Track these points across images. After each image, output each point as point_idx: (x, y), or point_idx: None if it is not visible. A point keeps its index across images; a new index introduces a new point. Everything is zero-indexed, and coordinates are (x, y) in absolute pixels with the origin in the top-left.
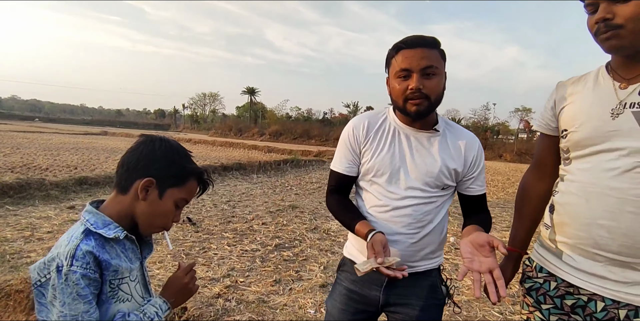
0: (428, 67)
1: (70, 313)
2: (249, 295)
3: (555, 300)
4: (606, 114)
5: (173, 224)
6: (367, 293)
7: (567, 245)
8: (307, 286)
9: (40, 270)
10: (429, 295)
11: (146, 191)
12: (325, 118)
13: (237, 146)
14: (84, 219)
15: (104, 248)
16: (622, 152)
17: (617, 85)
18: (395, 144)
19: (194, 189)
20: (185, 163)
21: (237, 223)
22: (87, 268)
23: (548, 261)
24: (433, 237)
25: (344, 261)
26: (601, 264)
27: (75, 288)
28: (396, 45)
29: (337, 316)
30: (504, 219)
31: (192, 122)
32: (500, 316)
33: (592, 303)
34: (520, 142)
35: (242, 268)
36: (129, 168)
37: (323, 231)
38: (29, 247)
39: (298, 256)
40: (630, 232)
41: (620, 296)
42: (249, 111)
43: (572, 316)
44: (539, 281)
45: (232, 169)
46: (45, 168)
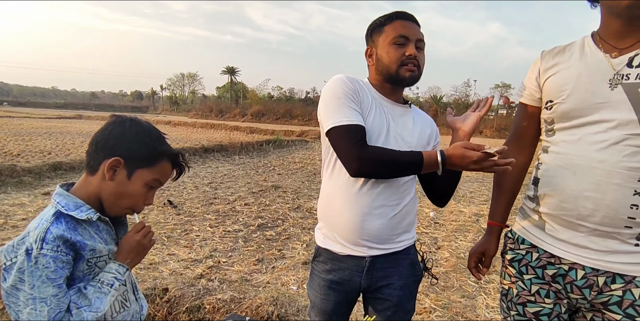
0: (421, 41)
1: (39, 296)
2: (232, 275)
3: (537, 270)
4: (598, 85)
5: (144, 206)
6: (347, 280)
7: (551, 216)
8: (289, 263)
9: (7, 253)
10: (409, 273)
11: (114, 171)
12: (308, 97)
13: (219, 127)
14: (55, 202)
15: (76, 230)
16: (609, 124)
17: (607, 55)
18: (380, 111)
19: (167, 171)
20: (157, 144)
21: (219, 204)
22: (57, 251)
23: (530, 233)
24: (411, 206)
25: (319, 251)
26: (583, 235)
27: (44, 271)
28: (391, 15)
29: (320, 305)
30: (482, 193)
31: (171, 104)
32: (475, 285)
33: (573, 271)
34: (500, 118)
35: (224, 248)
36: (97, 147)
37: (306, 210)
38: (3, 235)
39: (281, 235)
40: (615, 203)
41: (600, 264)
42: (230, 92)
43: (552, 285)
44: (521, 252)
45: (214, 151)
46: (17, 153)
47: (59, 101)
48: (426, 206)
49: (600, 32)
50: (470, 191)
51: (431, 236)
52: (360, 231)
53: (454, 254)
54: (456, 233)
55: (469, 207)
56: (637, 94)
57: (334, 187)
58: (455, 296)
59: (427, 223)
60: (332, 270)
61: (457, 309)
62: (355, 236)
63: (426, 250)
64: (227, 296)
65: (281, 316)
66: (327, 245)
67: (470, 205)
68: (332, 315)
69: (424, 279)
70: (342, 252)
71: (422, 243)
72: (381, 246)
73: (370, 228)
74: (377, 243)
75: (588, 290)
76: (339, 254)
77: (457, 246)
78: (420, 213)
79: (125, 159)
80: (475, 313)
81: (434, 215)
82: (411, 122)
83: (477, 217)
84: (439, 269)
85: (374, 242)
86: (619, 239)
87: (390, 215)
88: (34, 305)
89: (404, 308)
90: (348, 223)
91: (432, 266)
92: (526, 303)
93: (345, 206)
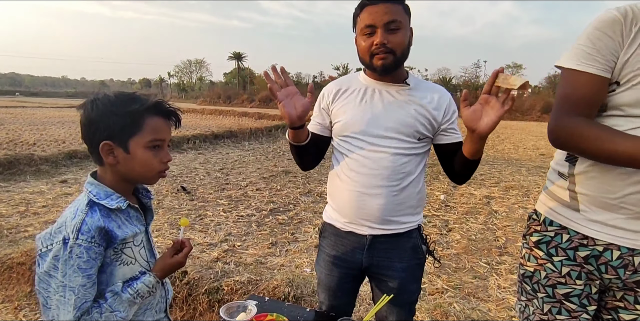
0: (392, 22)
1: (69, 285)
2: (247, 258)
3: (568, 251)
4: None
5: (168, 164)
6: (350, 257)
7: (588, 197)
8: (302, 247)
9: (44, 240)
10: (411, 256)
11: (112, 154)
12: (315, 82)
13: (227, 113)
14: (87, 191)
15: (110, 217)
16: None
17: None
18: (366, 100)
19: (159, 125)
20: (126, 108)
21: (232, 190)
22: (91, 242)
23: (560, 214)
24: (412, 189)
25: (324, 227)
26: (623, 217)
27: (77, 261)
28: (360, 3)
29: (324, 281)
30: (492, 176)
31: (179, 91)
32: (487, 266)
33: (608, 252)
34: None
35: (238, 233)
36: (86, 141)
37: (316, 194)
38: (25, 222)
39: (293, 219)
40: None
41: (637, 244)
42: (237, 77)
43: (585, 267)
44: (549, 234)
45: (224, 137)
46: (33, 143)
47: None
48: (437, 189)
49: None
50: (480, 174)
51: (442, 219)
52: (359, 210)
53: (465, 236)
54: (467, 216)
55: (479, 190)
56: None
57: (337, 167)
58: (467, 277)
59: (437, 205)
60: (336, 245)
61: (468, 289)
62: (354, 215)
63: (436, 232)
64: (244, 278)
65: (297, 296)
66: (331, 221)
67: (481, 188)
68: (337, 291)
69: (434, 261)
70: (344, 228)
71: (433, 225)
72: (381, 227)
73: (368, 208)
74: (376, 223)
75: (623, 270)
76: (341, 230)
77: (468, 228)
78: (431, 195)
79: (111, 138)
80: (487, 293)
81: (445, 198)
82: (409, 100)
83: (488, 199)
84: (450, 251)
85: (373, 222)
86: None
87: (389, 196)
88: (64, 292)
89: (408, 290)
90: (348, 201)
91: (435, 249)
92: (556, 285)
93: (345, 185)
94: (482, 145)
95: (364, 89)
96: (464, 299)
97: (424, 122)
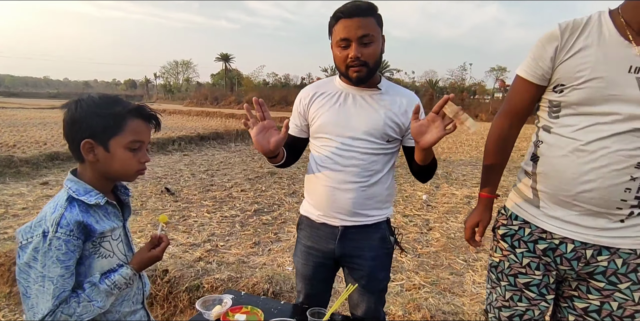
0: (365, 36)
1: (48, 275)
2: (230, 257)
3: (529, 244)
4: (613, 76)
5: (146, 164)
6: (324, 246)
7: (547, 195)
8: (285, 246)
9: (25, 233)
10: (380, 245)
11: (92, 152)
12: (304, 84)
13: (214, 115)
14: (67, 187)
15: (88, 212)
16: (618, 117)
17: (630, 44)
18: (340, 103)
19: (140, 127)
20: (110, 109)
21: (216, 191)
22: (70, 235)
23: (524, 209)
24: (381, 186)
25: (301, 219)
26: (576, 214)
27: (56, 253)
28: (335, 15)
29: (301, 270)
30: (474, 176)
31: (166, 92)
32: (464, 263)
33: (563, 245)
34: (496, 102)
35: (222, 233)
36: (67, 139)
37: (301, 195)
38: (4, 224)
39: (277, 219)
40: (611, 187)
41: (589, 238)
42: (225, 79)
43: (543, 259)
44: (513, 228)
45: (210, 138)
46: (13, 144)
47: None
48: (419, 189)
49: (625, 14)
50: (463, 174)
51: (423, 218)
52: (331, 203)
53: (444, 234)
54: (447, 215)
55: (461, 190)
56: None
57: (312, 164)
58: (444, 274)
59: (419, 205)
60: (311, 236)
61: (445, 285)
62: (327, 208)
63: (417, 231)
64: (224, 276)
65: (276, 293)
66: (307, 213)
67: (463, 188)
68: (312, 280)
69: (415, 258)
70: (318, 220)
71: (414, 224)
72: (351, 219)
73: (340, 201)
74: (347, 216)
75: (576, 262)
76: (315, 222)
77: (448, 227)
78: (414, 195)
79: (92, 137)
80: (462, 288)
81: (427, 198)
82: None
83: (469, 199)
84: (429, 249)
85: (345, 214)
86: (608, 218)
87: (358, 191)
88: (42, 282)
89: (376, 277)
90: (321, 195)
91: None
92: (517, 275)
93: (320, 180)
94: (429, 155)
95: (339, 93)
96: (440, 294)
97: (392, 126)
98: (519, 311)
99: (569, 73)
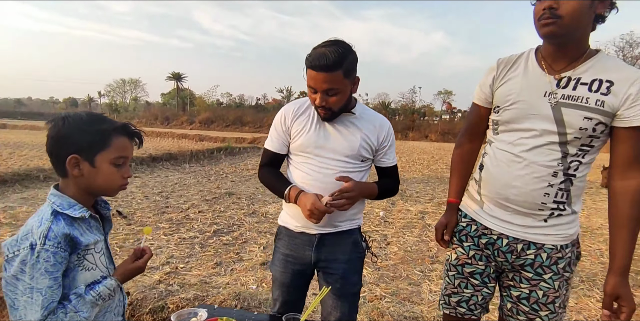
0: (329, 90)
1: (36, 287)
2: (191, 278)
3: (475, 238)
4: (536, 99)
5: (128, 180)
6: (301, 254)
7: (488, 198)
8: (248, 265)
9: (11, 246)
10: (353, 250)
11: (77, 167)
12: (259, 104)
13: (165, 135)
14: (51, 202)
15: (73, 226)
16: (536, 132)
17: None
18: (319, 125)
19: (124, 144)
20: (97, 126)
21: (172, 213)
22: (57, 247)
23: (472, 209)
24: None
25: (280, 230)
26: (509, 213)
27: (44, 265)
28: (307, 63)
29: (279, 278)
30: (427, 193)
31: (111, 111)
32: (420, 273)
33: (500, 240)
34: (444, 123)
35: (181, 255)
36: (51, 154)
37: (261, 215)
38: None
39: (237, 239)
40: (533, 192)
41: (519, 234)
42: (176, 98)
43: (484, 251)
44: (462, 225)
45: (162, 159)
46: None
47: None
48: (377, 206)
49: (542, 51)
50: (416, 191)
51: (381, 234)
52: None
53: (401, 248)
54: (404, 230)
55: (415, 206)
56: (559, 111)
57: (291, 178)
58: (403, 285)
59: (377, 221)
60: (289, 245)
61: (404, 295)
62: (305, 220)
63: (375, 246)
64: (190, 295)
65: (245, 308)
66: (286, 224)
67: (417, 204)
68: (290, 287)
69: (376, 271)
70: (296, 229)
71: (373, 239)
72: (327, 228)
73: None
74: (323, 226)
75: (510, 255)
76: (294, 231)
77: (405, 241)
78: (371, 212)
79: (79, 153)
80: (420, 297)
81: (384, 214)
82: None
83: (423, 214)
84: (388, 262)
85: (321, 226)
86: (533, 218)
87: None
88: (31, 294)
89: (350, 280)
90: (297, 210)
91: (372, 245)
92: (464, 265)
93: None
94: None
95: (314, 119)
96: (400, 303)
97: (366, 148)
98: (465, 297)
99: (502, 97)
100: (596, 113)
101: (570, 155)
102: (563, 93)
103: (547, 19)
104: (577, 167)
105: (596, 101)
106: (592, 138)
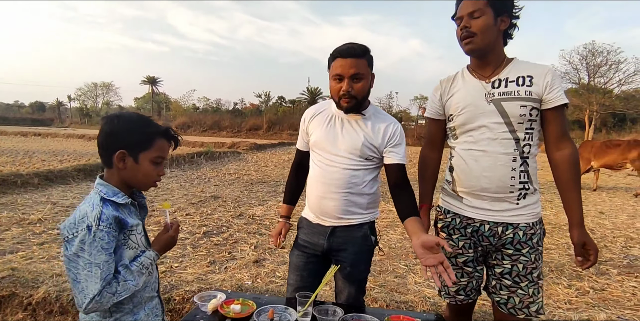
0: (356, 74)
1: (94, 261)
2: (187, 276)
3: (461, 230)
4: (479, 101)
5: (161, 177)
6: (316, 241)
7: (464, 192)
8: (241, 263)
9: (70, 228)
10: (362, 242)
11: (123, 161)
12: (236, 109)
13: None
14: (98, 190)
15: (118, 210)
16: (488, 127)
17: (480, 81)
18: (331, 125)
19: (164, 146)
20: (145, 128)
21: (159, 216)
22: (110, 227)
23: (452, 205)
24: (361, 195)
25: (301, 219)
26: (486, 201)
27: (100, 242)
28: (333, 54)
29: (294, 262)
30: None
31: (82, 116)
32: (405, 267)
33: (482, 226)
34: (420, 128)
35: (174, 255)
36: (101, 146)
37: (248, 217)
38: None
39: (228, 240)
40: (502, 177)
41: (498, 218)
42: (151, 103)
43: (471, 239)
44: (447, 220)
45: None
46: None
47: None
48: None
49: (471, 65)
50: None
51: None
52: (320, 208)
53: (386, 245)
54: (387, 228)
55: None
56: (500, 106)
57: (310, 174)
58: (390, 278)
59: None
60: (308, 233)
61: (391, 286)
62: (318, 212)
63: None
64: (194, 287)
65: None
66: (306, 215)
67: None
68: (303, 271)
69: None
70: (314, 221)
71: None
72: (337, 221)
73: (326, 208)
74: (333, 219)
75: (492, 238)
76: (312, 222)
77: (389, 238)
78: None
79: (127, 149)
80: (406, 288)
81: None
82: (361, 129)
83: None
84: (375, 257)
85: (331, 218)
86: (507, 201)
87: (341, 200)
88: (90, 268)
89: (358, 268)
90: (314, 201)
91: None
92: (457, 255)
93: (312, 190)
94: None
95: (332, 116)
96: (388, 294)
97: (369, 147)
98: (462, 285)
99: (453, 107)
100: (528, 101)
101: (521, 140)
102: (499, 91)
103: (465, 38)
104: (529, 150)
105: (525, 91)
106: (531, 122)
